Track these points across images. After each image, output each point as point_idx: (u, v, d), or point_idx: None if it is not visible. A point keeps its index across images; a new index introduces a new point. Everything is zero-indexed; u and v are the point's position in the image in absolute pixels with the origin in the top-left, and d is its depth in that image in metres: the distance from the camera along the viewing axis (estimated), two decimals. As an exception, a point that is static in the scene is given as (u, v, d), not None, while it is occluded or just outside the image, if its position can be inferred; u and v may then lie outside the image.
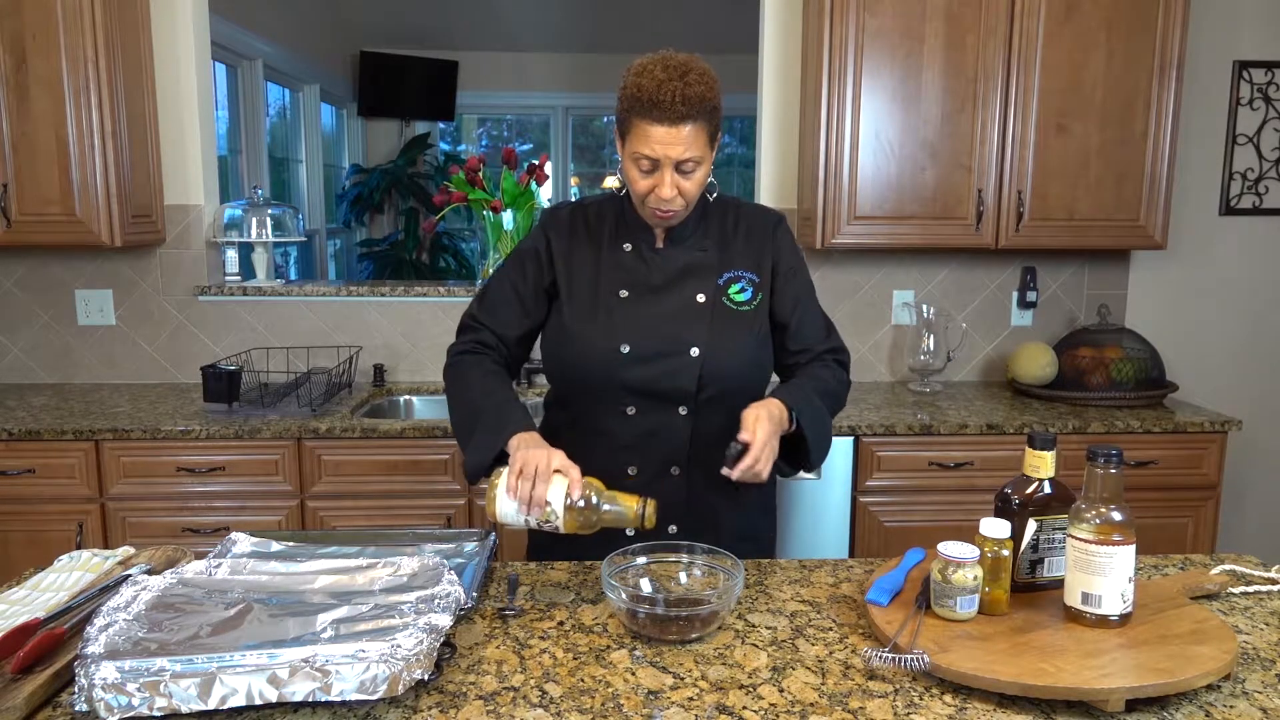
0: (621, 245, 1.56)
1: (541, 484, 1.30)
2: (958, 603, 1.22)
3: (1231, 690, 1.12)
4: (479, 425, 1.44)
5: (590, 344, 1.51)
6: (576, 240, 1.58)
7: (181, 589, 1.24)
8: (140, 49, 2.84)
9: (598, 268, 1.56)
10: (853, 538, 2.64)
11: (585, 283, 1.55)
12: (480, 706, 1.08)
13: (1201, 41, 3.09)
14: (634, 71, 1.42)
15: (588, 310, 1.54)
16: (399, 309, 3.11)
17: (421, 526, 2.31)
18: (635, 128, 1.41)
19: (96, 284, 3.06)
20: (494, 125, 7.66)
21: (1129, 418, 2.67)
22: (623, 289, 1.54)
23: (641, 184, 1.45)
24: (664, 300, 1.53)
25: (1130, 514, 1.21)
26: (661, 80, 1.38)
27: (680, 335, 1.51)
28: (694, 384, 1.50)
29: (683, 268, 1.55)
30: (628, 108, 1.41)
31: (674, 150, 1.40)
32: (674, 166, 1.42)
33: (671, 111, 1.37)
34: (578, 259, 1.57)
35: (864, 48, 2.72)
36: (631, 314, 1.52)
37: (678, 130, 1.39)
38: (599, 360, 1.51)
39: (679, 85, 1.37)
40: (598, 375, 1.51)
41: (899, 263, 3.15)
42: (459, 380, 1.54)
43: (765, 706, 1.08)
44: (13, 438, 2.48)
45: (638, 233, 1.57)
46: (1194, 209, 3.20)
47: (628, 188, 1.52)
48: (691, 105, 1.38)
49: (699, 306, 1.53)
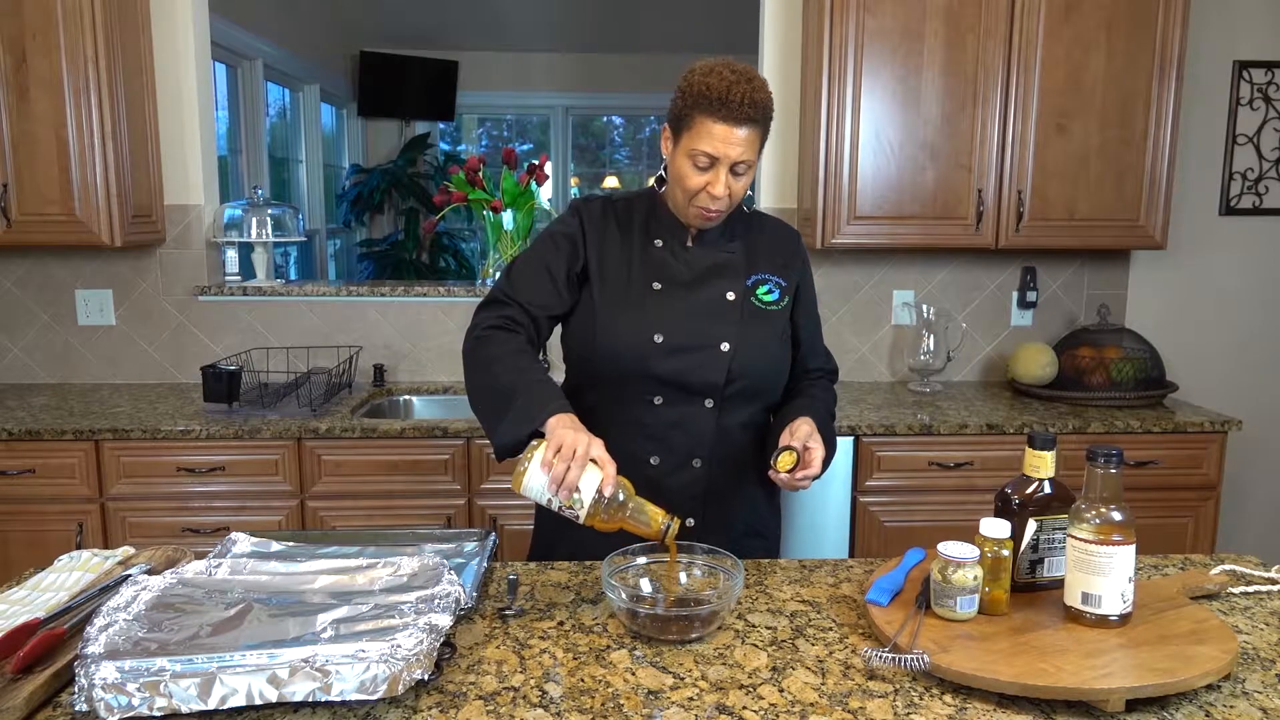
0: (653, 241, 1.59)
1: (577, 469, 1.28)
2: (958, 603, 1.22)
3: (1231, 690, 1.12)
4: (514, 401, 1.39)
5: (624, 332, 1.53)
6: (609, 231, 1.59)
7: (181, 589, 1.24)
8: (140, 49, 2.84)
9: (630, 260, 1.57)
10: (853, 538, 2.64)
11: (618, 273, 1.56)
12: (480, 706, 1.08)
13: (1201, 41, 3.09)
14: (700, 71, 1.46)
15: (621, 299, 1.55)
16: (399, 309, 3.11)
17: (421, 526, 2.31)
18: (698, 124, 1.44)
19: (96, 284, 3.06)
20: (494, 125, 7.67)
21: (1129, 418, 2.67)
22: (656, 282, 1.56)
23: (695, 180, 1.47)
24: (695, 296, 1.56)
25: (1130, 514, 1.21)
26: (731, 81, 1.42)
27: (711, 330, 1.54)
28: (723, 378, 1.53)
29: (712, 266, 1.58)
30: (692, 104, 1.44)
31: (734, 150, 1.44)
32: (729, 167, 1.46)
33: (739, 112, 1.42)
34: (610, 249, 1.58)
35: (864, 48, 2.72)
36: (665, 306, 1.55)
37: (740, 131, 1.44)
38: (632, 349, 1.52)
39: (748, 88, 1.43)
40: (630, 364, 1.52)
41: (899, 263, 3.15)
42: (488, 355, 1.48)
43: (765, 706, 1.08)
44: (13, 438, 2.48)
45: (669, 230, 1.59)
46: (1194, 209, 3.20)
47: (670, 184, 1.54)
48: (756, 109, 1.44)
49: (729, 304, 1.56)
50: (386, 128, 7.09)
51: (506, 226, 3.16)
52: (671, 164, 1.51)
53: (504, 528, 2.57)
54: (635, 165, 7.73)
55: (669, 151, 1.53)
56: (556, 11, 6.78)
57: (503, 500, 2.58)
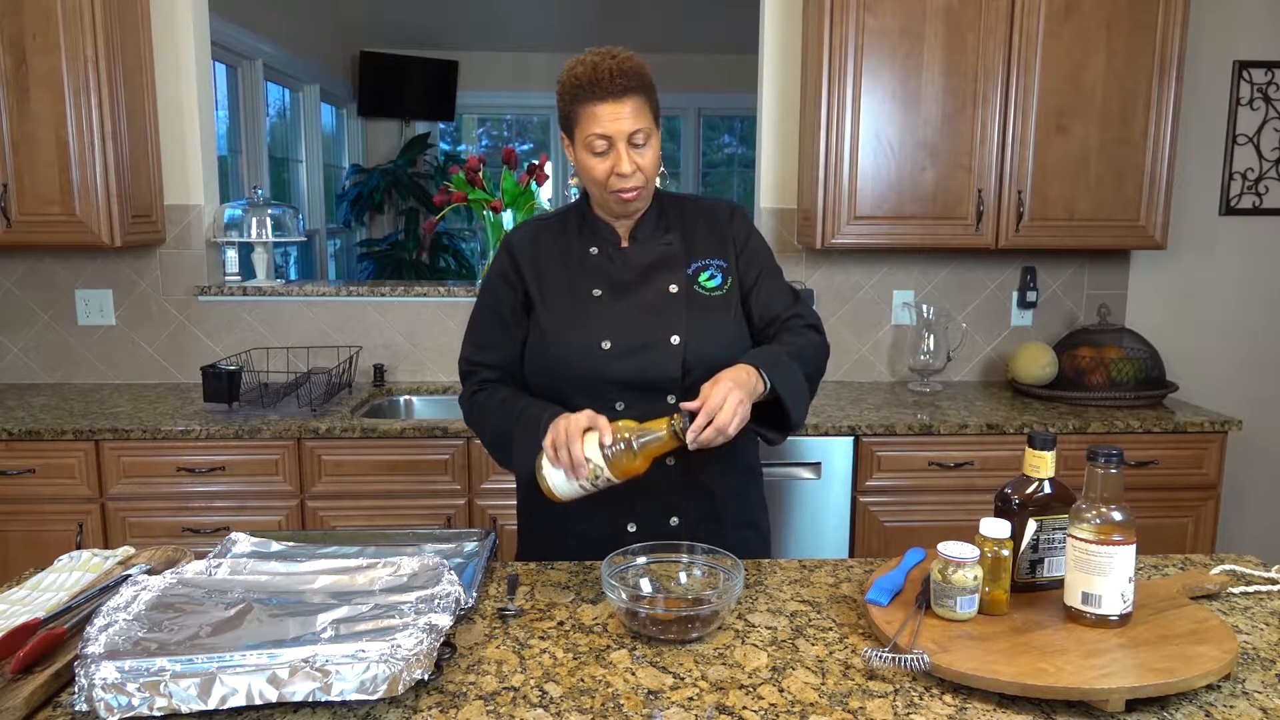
0: (588, 250, 1.59)
1: (575, 444, 1.32)
2: (958, 603, 1.22)
3: (1231, 690, 1.12)
4: (515, 433, 1.48)
5: (571, 344, 1.53)
6: (540, 253, 1.61)
7: (181, 589, 1.24)
8: (140, 49, 2.84)
9: (568, 273, 1.58)
10: (853, 538, 2.64)
11: (558, 289, 1.58)
12: (480, 706, 1.08)
13: (1201, 41, 3.09)
14: (565, 68, 1.49)
15: (565, 313, 1.56)
16: (399, 309, 3.11)
17: (421, 526, 2.31)
18: (582, 114, 1.46)
19: (96, 284, 3.06)
20: (494, 125, 7.66)
21: (1129, 418, 2.67)
22: (596, 288, 1.56)
23: (599, 167, 1.48)
24: (638, 294, 1.56)
25: (1130, 514, 1.21)
26: (595, 62, 1.45)
27: (659, 326, 1.54)
28: (679, 371, 1.52)
29: (651, 262, 1.58)
30: (570, 98, 1.47)
31: (624, 124, 1.45)
32: (627, 140, 1.46)
33: (613, 86, 1.44)
34: (546, 270, 1.59)
35: (864, 48, 2.72)
36: (609, 311, 1.55)
37: (622, 104, 1.44)
38: (582, 359, 1.53)
39: (612, 62, 1.45)
40: (582, 374, 1.53)
41: (899, 263, 3.15)
42: (482, 415, 1.58)
43: (765, 706, 1.08)
44: (13, 438, 2.48)
45: (601, 235, 1.60)
46: (1194, 209, 3.20)
47: (585, 185, 1.56)
48: (629, 78, 1.45)
49: (673, 296, 1.56)
50: (386, 128, 7.09)
51: (506, 226, 3.16)
52: (577, 164, 1.53)
53: (504, 528, 2.57)
54: (635, 165, 7.72)
55: (572, 158, 1.54)
56: (556, 11, 6.78)
57: (503, 500, 2.58)
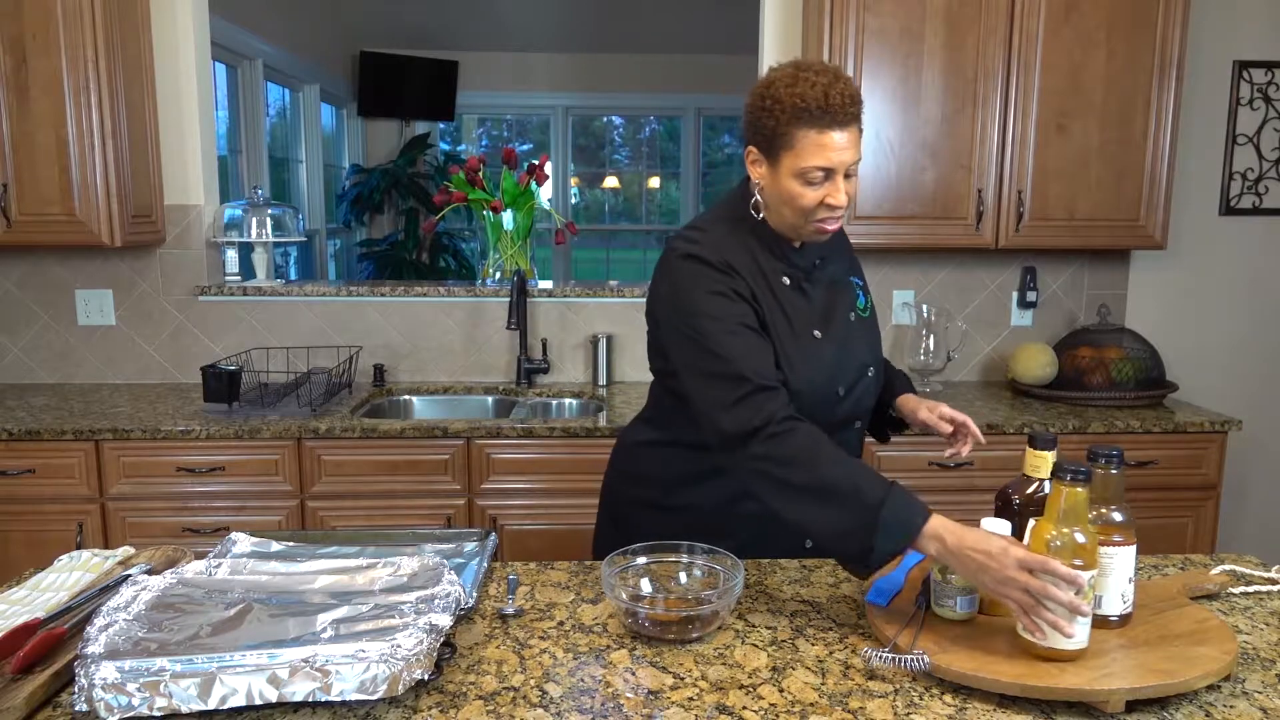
0: (781, 280, 1.47)
1: (1059, 589, 1.09)
2: (958, 603, 1.22)
3: (1231, 690, 1.12)
4: (880, 510, 1.25)
5: (810, 388, 1.44)
6: (747, 280, 1.44)
7: (181, 589, 1.24)
8: (140, 49, 2.84)
9: (778, 306, 1.46)
10: (853, 538, 2.64)
11: (775, 321, 1.45)
12: (480, 706, 1.08)
13: (1201, 41, 3.09)
14: (784, 83, 1.36)
15: (795, 352, 1.45)
16: (399, 309, 3.11)
17: (421, 526, 2.31)
18: (801, 140, 1.35)
19: (96, 284, 3.06)
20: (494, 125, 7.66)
21: (1129, 418, 2.67)
22: (815, 329, 1.47)
23: (810, 196, 1.38)
24: (839, 330, 1.51)
25: (1130, 514, 1.21)
26: (825, 85, 1.33)
27: (861, 360, 1.52)
28: (875, 400, 1.54)
29: (829, 289, 1.52)
30: (789, 120, 1.35)
31: (848, 154, 1.36)
32: (843, 171, 1.38)
33: (844, 114, 1.34)
34: (761, 299, 1.45)
35: (864, 48, 2.72)
36: (831, 354, 1.48)
37: (849, 133, 1.36)
38: (818, 404, 1.45)
39: (842, 85, 1.34)
40: (811, 416, 1.37)
41: (899, 263, 3.15)
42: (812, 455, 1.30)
43: (765, 706, 1.08)
44: (13, 438, 2.47)
45: (786, 262, 1.48)
46: (1194, 209, 3.20)
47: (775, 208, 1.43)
48: (858, 104, 1.36)
49: (855, 326, 1.53)
50: (386, 128, 7.09)
51: (506, 226, 3.16)
52: (774, 188, 1.41)
53: (504, 528, 2.57)
54: (635, 165, 7.73)
55: (762, 175, 1.42)
56: (556, 11, 6.78)
57: (503, 500, 2.58)
